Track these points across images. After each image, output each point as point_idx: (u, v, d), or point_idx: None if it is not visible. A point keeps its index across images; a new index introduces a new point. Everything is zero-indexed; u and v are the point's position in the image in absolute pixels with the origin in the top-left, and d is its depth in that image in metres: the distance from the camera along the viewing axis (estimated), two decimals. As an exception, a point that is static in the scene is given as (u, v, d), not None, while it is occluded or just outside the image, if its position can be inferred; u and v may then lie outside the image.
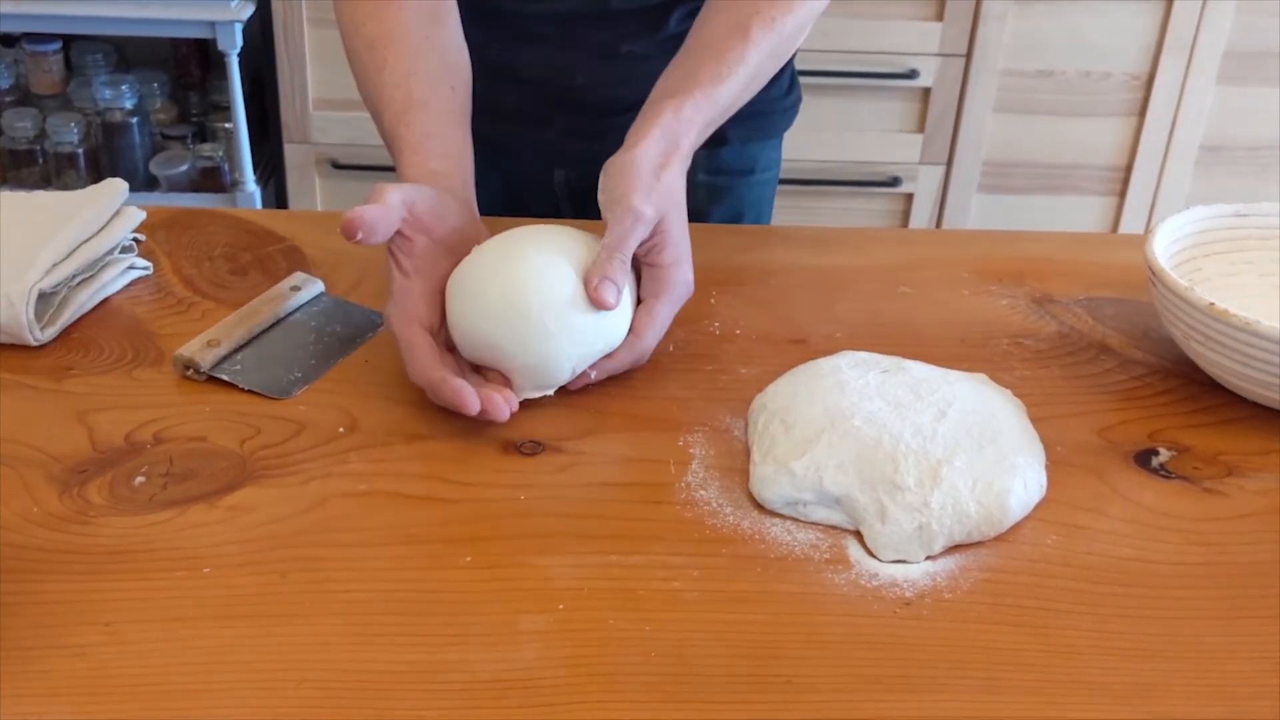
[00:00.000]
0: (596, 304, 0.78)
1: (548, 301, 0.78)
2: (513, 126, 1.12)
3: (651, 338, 0.83)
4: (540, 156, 1.14)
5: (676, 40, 0.93)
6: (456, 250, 0.83)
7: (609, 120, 0.92)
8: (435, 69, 0.91)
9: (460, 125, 0.91)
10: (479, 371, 0.81)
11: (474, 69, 0.96)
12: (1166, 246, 0.88)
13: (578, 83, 1.08)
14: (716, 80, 0.87)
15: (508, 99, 1.10)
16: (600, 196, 0.82)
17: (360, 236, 0.77)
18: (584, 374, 0.81)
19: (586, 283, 0.79)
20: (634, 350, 0.82)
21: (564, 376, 0.81)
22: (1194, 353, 0.85)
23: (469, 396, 0.76)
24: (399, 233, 0.80)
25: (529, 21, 1.07)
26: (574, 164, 1.13)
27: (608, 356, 0.81)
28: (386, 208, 0.78)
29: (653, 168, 0.82)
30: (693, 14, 0.94)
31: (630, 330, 0.82)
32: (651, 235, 0.82)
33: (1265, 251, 0.93)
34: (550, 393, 0.81)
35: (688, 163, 0.86)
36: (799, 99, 1.17)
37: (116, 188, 0.93)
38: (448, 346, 0.82)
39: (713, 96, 0.87)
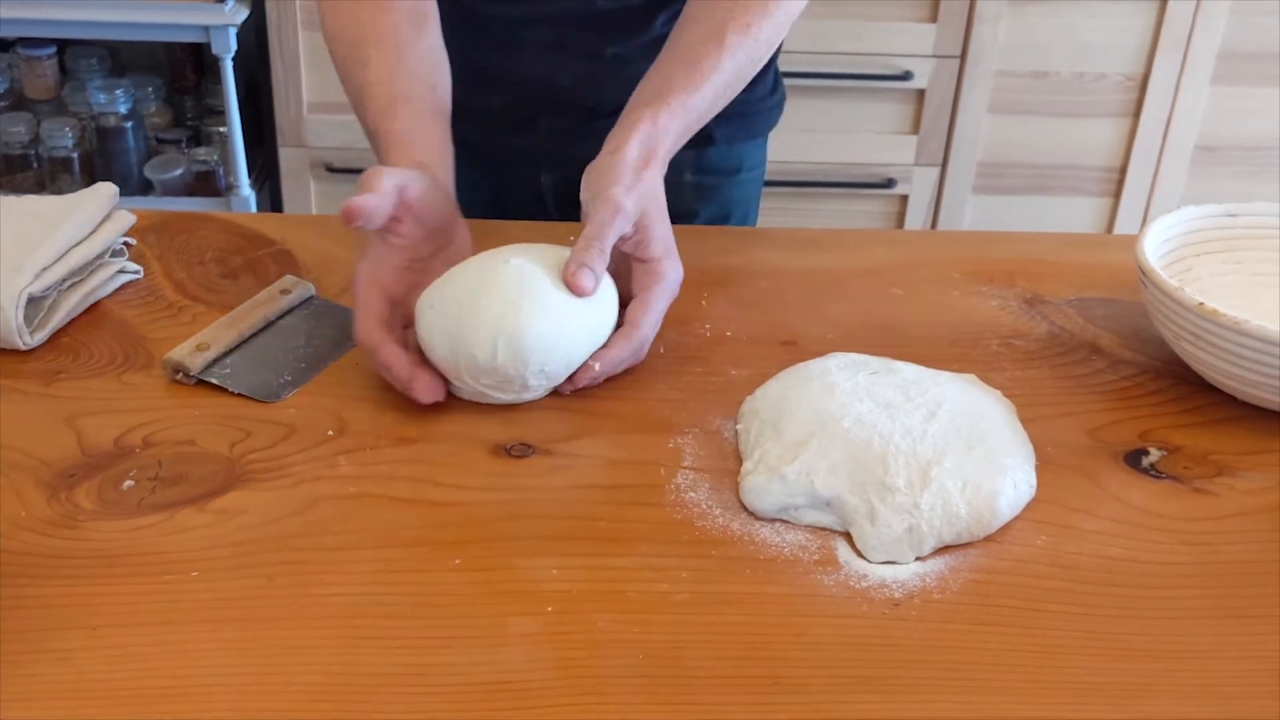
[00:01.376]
0: (573, 290, 0.79)
1: (519, 305, 0.78)
2: (498, 131, 1.13)
3: (648, 327, 0.83)
4: (526, 160, 1.15)
5: (661, 42, 0.94)
6: (437, 236, 0.86)
7: (595, 123, 0.92)
8: (417, 68, 0.94)
9: (442, 121, 0.94)
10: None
11: (459, 74, 0.97)
12: (1157, 247, 0.88)
13: (563, 85, 1.09)
14: (691, 89, 0.89)
15: (493, 103, 1.11)
16: (583, 194, 0.85)
17: (360, 224, 0.79)
18: (587, 367, 0.81)
19: (564, 271, 0.79)
20: (632, 340, 0.82)
21: (537, 383, 0.80)
22: (1184, 353, 0.85)
23: (403, 364, 0.78)
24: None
25: (515, 26, 1.08)
26: (560, 167, 1.13)
27: (606, 346, 0.82)
28: (381, 196, 0.80)
29: (633, 168, 0.84)
30: (677, 16, 0.95)
31: (625, 322, 0.83)
32: (635, 232, 0.84)
33: (1256, 251, 0.93)
34: (526, 398, 0.81)
35: (665, 167, 0.88)
36: (783, 98, 1.19)
37: (107, 192, 0.93)
38: (413, 347, 0.82)
39: (687, 104, 0.89)
